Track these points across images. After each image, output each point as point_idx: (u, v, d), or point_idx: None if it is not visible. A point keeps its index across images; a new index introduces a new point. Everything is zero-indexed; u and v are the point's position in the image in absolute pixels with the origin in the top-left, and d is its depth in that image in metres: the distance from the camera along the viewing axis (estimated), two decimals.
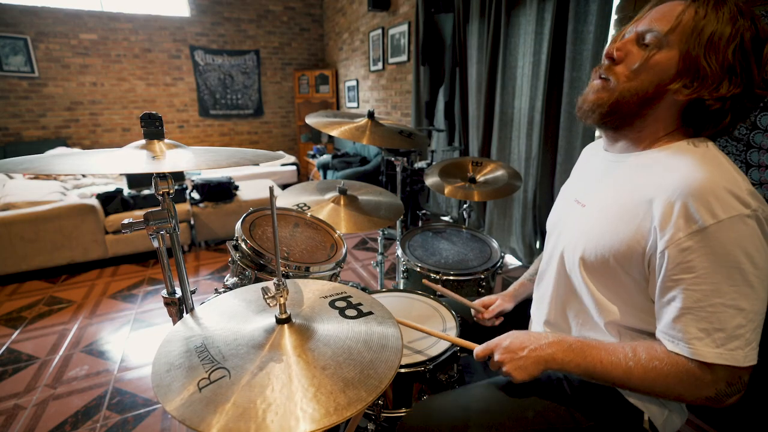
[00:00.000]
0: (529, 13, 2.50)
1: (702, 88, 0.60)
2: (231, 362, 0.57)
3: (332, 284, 0.82)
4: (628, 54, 0.66)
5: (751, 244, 0.56)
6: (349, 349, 0.61)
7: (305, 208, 1.37)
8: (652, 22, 0.63)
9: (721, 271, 0.57)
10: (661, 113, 0.67)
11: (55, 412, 1.64)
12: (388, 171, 3.69)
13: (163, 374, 0.56)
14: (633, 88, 0.65)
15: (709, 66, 0.59)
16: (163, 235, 0.78)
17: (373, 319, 0.70)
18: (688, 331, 0.60)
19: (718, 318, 0.58)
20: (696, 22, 0.59)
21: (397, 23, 4.09)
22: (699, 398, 0.62)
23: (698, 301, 0.59)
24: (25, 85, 4.87)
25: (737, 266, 0.57)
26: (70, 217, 2.83)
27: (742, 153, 1.57)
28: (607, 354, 0.67)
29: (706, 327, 0.59)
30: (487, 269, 1.44)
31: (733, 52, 0.58)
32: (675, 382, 0.62)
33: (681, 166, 0.62)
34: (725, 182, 0.57)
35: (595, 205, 0.75)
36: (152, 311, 2.42)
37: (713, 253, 0.57)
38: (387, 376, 0.56)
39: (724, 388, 0.60)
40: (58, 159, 0.71)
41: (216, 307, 0.74)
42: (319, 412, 0.49)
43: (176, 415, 0.49)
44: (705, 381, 0.60)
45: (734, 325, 0.58)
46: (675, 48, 0.61)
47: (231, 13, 5.78)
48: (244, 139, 6.36)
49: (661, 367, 0.62)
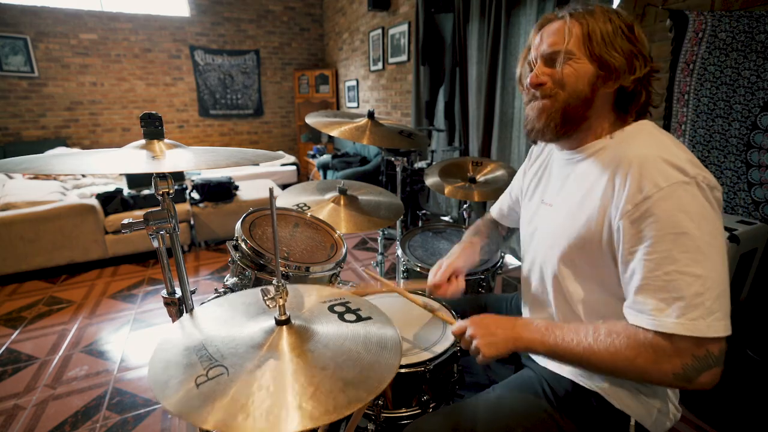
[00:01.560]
0: (529, 13, 2.50)
1: (619, 78, 0.69)
2: (230, 360, 0.57)
3: (330, 290, 0.83)
4: (549, 74, 0.74)
5: (693, 208, 0.59)
6: (349, 351, 0.61)
7: (305, 208, 1.37)
8: (550, 45, 0.72)
9: (668, 238, 0.59)
10: (599, 109, 0.74)
11: (54, 413, 1.63)
12: (388, 171, 3.69)
13: (160, 371, 0.56)
14: (573, 94, 0.72)
15: (615, 59, 0.68)
16: (163, 235, 0.78)
17: (371, 323, 0.70)
18: (648, 302, 0.61)
19: (675, 286, 0.59)
20: (584, 31, 0.69)
21: (397, 23, 4.09)
22: (666, 375, 0.60)
23: (653, 270, 0.60)
24: (24, 85, 4.87)
25: (683, 231, 0.59)
26: (70, 217, 2.83)
27: (742, 153, 1.57)
28: (569, 332, 0.68)
29: (665, 297, 0.59)
30: (487, 269, 1.44)
31: (624, 41, 0.68)
32: (635, 354, 0.61)
33: (626, 147, 0.69)
34: (664, 154, 0.63)
35: (561, 203, 0.80)
36: (152, 311, 2.42)
37: (659, 220, 0.60)
38: (387, 377, 0.57)
39: (690, 362, 0.59)
40: (57, 159, 0.71)
41: (215, 308, 0.74)
42: (318, 410, 0.49)
43: (173, 410, 0.49)
44: (666, 353, 0.60)
45: (692, 293, 0.58)
46: (582, 56, 0.70)
47: (231, 13, 5.78)
48: (244, 139, 6.36)
49: (620, 340, 0.63)
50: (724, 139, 1.61)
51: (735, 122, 1.58)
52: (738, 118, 1.57)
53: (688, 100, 1.70)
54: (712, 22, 1.58)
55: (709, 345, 0.58)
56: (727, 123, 1.60)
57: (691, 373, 0.59)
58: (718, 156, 1.64)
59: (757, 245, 1.49)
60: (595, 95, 0.72)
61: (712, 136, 1.65)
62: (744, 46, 1.51)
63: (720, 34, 1.57)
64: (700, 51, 1.63)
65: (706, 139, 1.67)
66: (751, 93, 1.51)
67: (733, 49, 1.54)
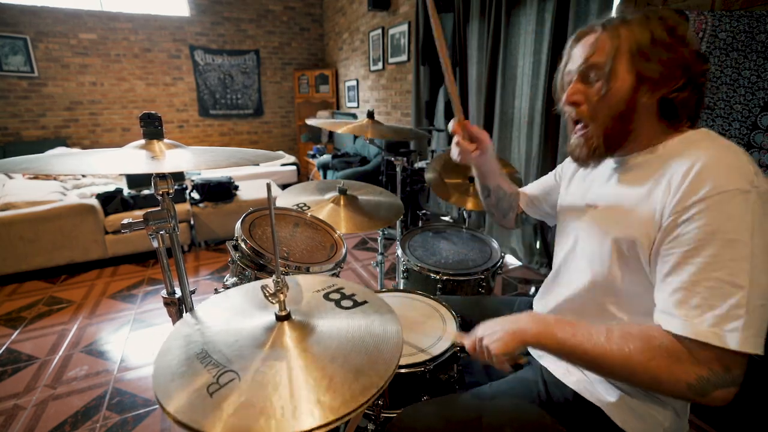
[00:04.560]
0: (529, 13, 2.50)
1: (658, 89, 0.66)
2: (238, 364, 0.56)
3: (322, 278, 0.82)
4: (584, 93, 0.71)
5: (750, 217, 0.55)
6: (353, 339, 0.62)
7: (305, 208, 1.37)
8: (586, 59, 0.70)
9: (717, 243, 0.56)
10: (644, 119, 0.70)
11: (54, 413, 1.63)
12: (388, 171, 3.69)
13: (166, 384, 0.54)
14: (609, 114, 0.69)
15: (652, 71, 0.65)
16: (163, 235, 0.78)
17: (369, 307, 0.71)
18: (683, 307, 0.57)
19: (715, 294, 0.55)
20: (620, 43, 0.66)
21: (397, 23, 4.09)
22: (679, 384, 0.56)
23: (694, 275, 0.57)
24: (24, 85, 4.87)
25: (735, 239, 0.55)
26: (70, 217, 2.83)
27: None
28: (581, 329, 0.65)
29: (700, 303, 0.56)
30: (487, 269, 1.44)
31: (661, 50, 0.65)
32: (648, 358, 0.58)
33: (684, 150, 0.65)
34: (728, 159, 0.59)
35: (611, 203, 0.75)
36: (152, 311, 2.42)
37: (710, 224, 0.56)
38: (394, 359, 0.58)
39: (707, 375, 0.55)
40: (57, 159, 0.71)
41: (210, 309, 0.73)
42: (337, 401, 0.50)
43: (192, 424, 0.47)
44: (683, 360, 0.56)
45: (732, 304, 0.54)
46: (619, 71, 0.67)
47: (231, 13, 5.78)
48: (244, 139, 6.36)
49: (635, 343, 0.59)
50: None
51: (735, 122, 1.58)
52: (738, 118, 1.57)
53: None
54: (712, 21, 1.58)
55: (732, 360, 0.55)
56: (727, 123, 1.60)
57: (706, 386, 0.55)
58: None
59: None
60: (635, 108, 0.68)
61: None
62: (744, 46, 1.51)
63: (720, 34, 1.57)
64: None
65: None
66: (752, 93, 1.51)
67: (733, 49, 1.54)
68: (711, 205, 0.57)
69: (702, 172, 0.59)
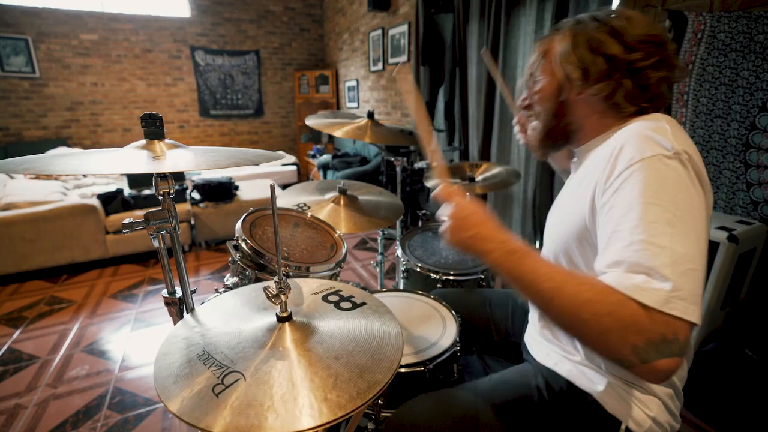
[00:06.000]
0: (529, 13, 2.50)
1: (586, 86, 0.71)
2: (241, 365, 0.57)
3: (320, 281, 0.83)
4: (530, 96, 0.83)
5: (672, 181, 0.57)
6: (355, 338, 0.63)
7: (305, 208, 1.38)
8: (529, 66, 0.82)
9: (638, 207, 0.56)
10: (586, 113, 0.75)
11: (55, 412, 1.64)
12: (388, 171, 3.69)
13: (170, 386, 0.54)
14: (545, 112, 0.79)
15: (573, 71, 0.71)
16: (164, 235, 0.78)
17: (368, 308, 0.73)
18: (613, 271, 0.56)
19: (643, 256, 0.53)
20: (547, 49, 0.77)
21: (397, 23, 4.09)
22: (624, 346, 0.51)
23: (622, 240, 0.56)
24: (26, 86, 4.88)
25: (656, 203, 0.55)
26: (71, 217, 2.84)
27: (741, 153, 1.57)
28: (544, 265, 0.60)
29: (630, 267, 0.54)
30: (487, 269, 1.44)
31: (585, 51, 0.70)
32: (606, 311, 0.52)
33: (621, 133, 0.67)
34: (651, 132, 0.62)
35: (564, 200, 0.84)
36: (153, 311, 2.42)
37: (633, 189, 0.58)
38: (397, 356, 0.60)
39: (657, 340, 0.51)
40: (58, 159, 0.71)
41: (212, 310, 0.74)
42: (344, 398, 0.52)
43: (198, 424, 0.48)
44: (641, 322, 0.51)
45: (659, 264, 0.52)
46: (543, 74, 0.78)
47: (231, 14, 5.79)
48: (245, 139, 6.37)
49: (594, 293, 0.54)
50: (723, 139, 1.62)
51: (734, 122, 1.58)
52: (737, 118, 1.57)
53: (687, 100, 1.71)
54: (711, 22, 1.59)
55: (679, 329, 0.51)
56: (725, 123, 1.61)
57: (650, 353, 0.51)
58: (717, 156, 1.64)
59: (755, 245, 1.50)
60: (568, 104, 0.76)
61: (710, 136, 1.66)
62: (743, 47, 1.51)
63: (719, 35, 1.57)
64: (699, 51, 1.63)
65: (705, 139, 1.67)
66: (750, 93, 1.51)
67: (731, 50, 1.54)
68: (633, 172, 0.59)
69: (625, 146, 0.62)
